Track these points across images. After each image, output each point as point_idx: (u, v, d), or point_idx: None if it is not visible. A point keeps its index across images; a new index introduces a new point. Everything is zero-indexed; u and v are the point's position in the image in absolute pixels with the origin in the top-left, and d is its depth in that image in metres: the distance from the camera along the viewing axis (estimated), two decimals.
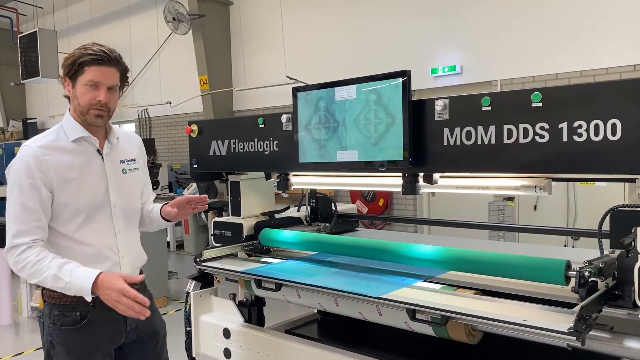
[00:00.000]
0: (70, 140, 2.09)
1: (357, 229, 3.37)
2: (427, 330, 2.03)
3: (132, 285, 2.11)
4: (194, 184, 8.94)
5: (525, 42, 5.97)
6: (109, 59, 2.04)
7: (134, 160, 2.30)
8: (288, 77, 7.93)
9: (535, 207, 5.49)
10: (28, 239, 1.98)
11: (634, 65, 5.28)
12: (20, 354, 4.94)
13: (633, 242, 1.77)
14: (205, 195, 2.47)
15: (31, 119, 13.77)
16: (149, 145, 9.29)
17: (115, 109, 2.13)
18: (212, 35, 9.08)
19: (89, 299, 1.96)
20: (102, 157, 2.16)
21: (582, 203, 5.14)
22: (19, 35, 11.02)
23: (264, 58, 8.71)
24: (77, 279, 1.94)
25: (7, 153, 12.77)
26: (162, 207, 2.42)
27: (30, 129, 13.46)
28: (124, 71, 2.14)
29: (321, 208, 3.20)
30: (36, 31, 10.40)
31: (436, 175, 2.06)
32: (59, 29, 11.32)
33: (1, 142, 13.30)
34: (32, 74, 10.62)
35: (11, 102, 14.24)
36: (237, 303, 2.89)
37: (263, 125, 2.55)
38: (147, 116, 10.89)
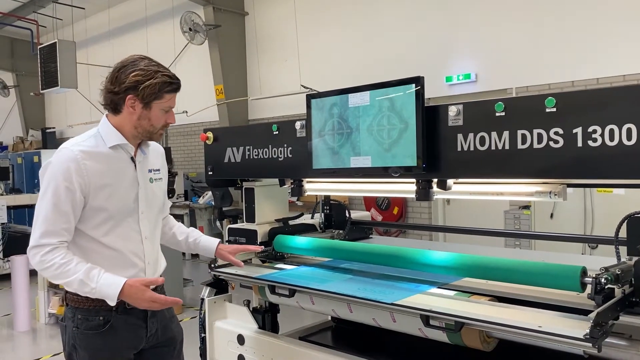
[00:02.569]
0: (107, 147, 2.13)
1: (371, 236, 3.37)
2: (442, 337, 2.01)
3: (154, 289, 2.18)
4: (209, 192, 9.00)
5: (540, 50, 5.94)
6: (180, 86, 2.18)
7: (159, 170, 2.35)
8: (303, 86, 7.97)
9: (551, 216, 5.43)
10: (55, 240, 2.02)
11: None
12: (38, 359, 4.99)
13: None
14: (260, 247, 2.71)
15: (50, 128, 13.99)
16: (166, 154, 9.36)
17: None
18: (228, 45, 9.17)
19: (113, 304, 2.01)
20: (135, 165, 2.21)
21: (600, 211, 5.08)
22: (39, 47, 11.21)
23: (279, 67, 8.77)
24: (103, 285, 1.99)
25: (27, 162, 12.99)
26: (218, 244, 2.58)
27: (49, 139, 13.69)
28: None
29: (335, 215, 3.20)
30: (55, 42, 10.59)
31: (450, 181, 2.06)
32: (78, 40, 11.53)
33: (21, 152, 13.54)
34: (52, 84, 10.80)
35: (31, 112, 14.49)
36: (251, 310, 2.90)
37: (277, 132, 2.57)
38: None
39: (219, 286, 2.88)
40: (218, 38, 9.04)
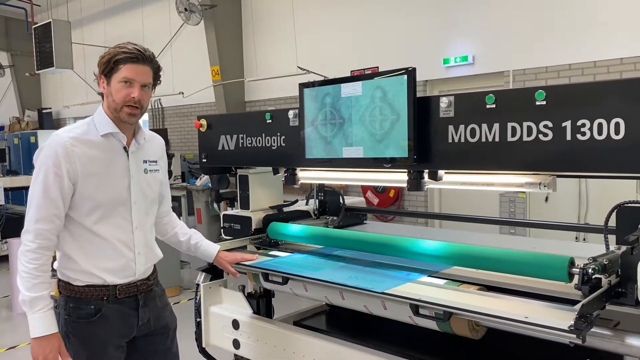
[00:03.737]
0: (99, 135, 2.14)
1: (365, 222, 3.39)
2: (431, 325, 2.05)
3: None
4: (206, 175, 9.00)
5: (537, 33, 5.90)
6: (143, 57, 2.10)
7: (156, 161, 2.34)
8: (299, 67, 7.92)
9: (546, 199, 5.46)
10: (47, 226, 2.04)
11: None
12: None
13: (638, 239, 1.77)
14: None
15: (46, 109, 13.92)
16: (162, 135, 9.33)
17: (147, 106, 2.19)
18: (224, 25, 9.08)
19: (31, 335, 2.03)
20: (128, 155, 2.20)
21: (594, 194, 5.10)
22: (33, 26, 11.11)
23: (276, 49, 8.71)
24: (33, 319, 2.02)
25: (23, 143, 12.96)
26: (218, 252, 2.62)
27: (45, 119, 13.63)
28: (156, 69, 2.18)
29: (329, 201, 3.22)
30: (50, 22, 10.49)
31: (441, 172, 2.08)
32: (73, 19, 11.41)
33: (17, 132, 13.50)
34: (47, 64, 10.72)
35: (27, 92, 14.39)
36: (246, 295, 2.93)
37: (270, 121, 2.57)
38: (160, 106, 10.95)
39: (214, 272, 2.91)
40: (214, 19, 8.95)
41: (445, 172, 2.09)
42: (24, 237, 2.07)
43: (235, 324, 2.82)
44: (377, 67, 7.30)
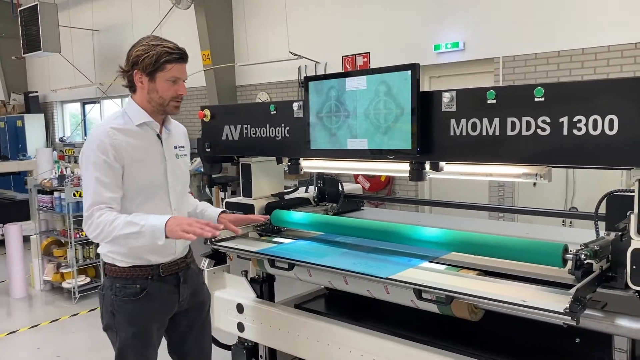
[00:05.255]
0: (135, 125, 2.27)
1: (362, 208, 3.49)
2: (432, 308, 2.16)
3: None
4: (198, 159, 9.02)
5: (527, 20, 5.99)
6: (185, 56, 2.28)
7: (183, 147, 2.50)
8: (291, 52, 7.95)
9: (534, 184, 5.60)
10: (103, 205, 2.15)
11: (636, 43, 5.32)
12: (35, 326, 5.11)
13: (627, 227, 1.89)
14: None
15: (33, 92, 13.75)
16: None
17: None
18: (214, 9, 9.04)
19: (161, 242, 2.08)
20: (162, 142, 2.34)
21: (581, 180, 5.26)
22: (19, 9, 10.96)
23: (267, 33, 8.70)
24: (151, 221, 2.09)
25: (10, 127, 12.83)
26: (220, 213, 2.65)
27: (31, 103, 13.48)
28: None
29: (328, 189, 3.31)
30: (37, 4, 10.35)
31: (442, 163, 2.17)
32: (59, 1, 11.26)
33: (3, 116, 13.34)
34: (34, 47, 10.61)
35: (12, 76, 14.17)
36: (249, 280, 3.03)
37: (275, 112, 2.64)
38: None
39: (218, 257, 3.00)
40: (204, 2, 8.90)
41: (446, 163, 2.18)
42: (86, 225, 2.16)
43: (240, 308, 2.91)
44: (369, 53, 7.36)
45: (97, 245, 5.77)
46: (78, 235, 5.63)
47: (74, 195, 5.48)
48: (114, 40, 11.49)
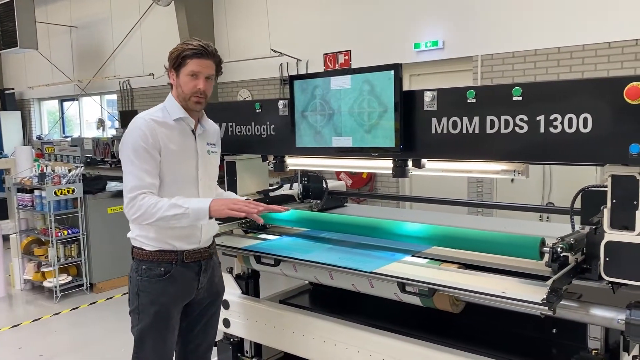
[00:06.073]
0: (172, 119, 2.37)
1: (346, 204, 3.55)
2: (415, 300, 2.23)
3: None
4: None
5: (505, 19, 6.10)
6: (207, 52, 2.34)
7: (215, 144, 2.58)
8: (273, 50, 7.97)
9: (512, 180, 5.72)
10: (145, 190, 2.25)
11: (609, 42, 5.46)
12: (16, 325, 5.07)
13: (600, 220, 1.97)
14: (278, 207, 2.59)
15: (9, 89, 13.53)
16: (132, 116, 9.23)
17: (210, 95, 2.42)
18: (195, 6, 9.00)
19: (205, 221, 2.27)
20: (195, 137, 2.43)
21: (557, 176, 5.39)
22: None
23: (248, 30, 8.70)
24: (194, 204, 2.24)
25: None
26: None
27: (8, 100, 13.27)
28: (218, 62, 2.44)
29: (312, 186, 3.36)
30: (13, 0, 10.18)
31: (424, 160, 2.24)
32: None
33: None
34: (10, 44, 10.42)
35: None
36: (234, 276, 3.07)
37: (260, 110, 2.68)
38: (129, 87, 10.81)
39: None
40: None
41: (428, 160, 2.25)
42: (128, 207, 2.26)
43: (226, 304, 2.95)
44: (350, 51, 7.42)
45: (79, 243, 5.74)
46: (59, 234, 5.59)
47: (55, 193, 5.43)
48: (92, 37, 11.37)
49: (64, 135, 13.11)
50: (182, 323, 2.51)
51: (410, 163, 2.26)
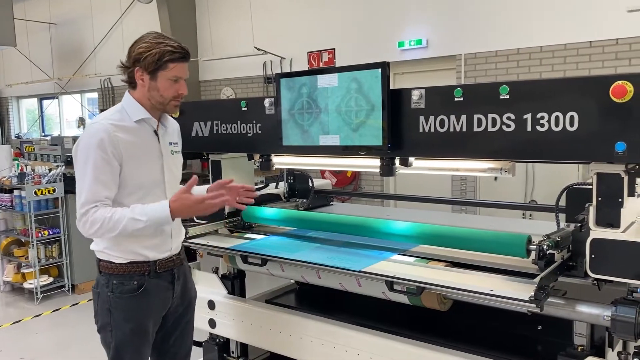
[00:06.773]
0: (133, 121, 2.24)
1: (332, 203, 3.54)
2: (403, 299, 2.23)
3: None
4: None
5: (488, 18, 6.14)
6: (188, 55, 2.24)
7: (177, 143, 2.47)
8: (256, 47, 7.93)
9: (496, 178, 5.76)
10: (97, 203, 2.12)
11: (590, 42, 5.53)
12: None
13: (586, 218, 1.99)
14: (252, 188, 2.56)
15: None
16: None
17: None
18: (177, 3, 8.92)
19: (168, 226, 2.23)
20: (158, 138, 2.33)
21: (540, 173, 5.44)
22: None
23: (231, 28, 8.64)
24: (153, 214, 2.12)
25: None
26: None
27: None
28: None
29: (298, 185, 3.35)
30: None
31: (411, 158, 2.23)
32: None
33: None
34: None
35: None
36: (220, 276, 3.04)
37: (246, 109, 2.66)
38: (110, 85, 10.67)
39: (188, 255, 2.98)
40: None
41: (415, 159, 2.24)
42: (80, 223, 2.13)
43: (211, 304, 2.93)
44: (334, 49, 7.41)
45: (60, 244, 5.64)
46: (40, 234, 5.50)
47: (36, 193, 5.35)
48: (72, 34, 11.21)
49: (43, 134, 12.90)
50: (158, 334, 2.41)
51: (397, 161, 2.26)
